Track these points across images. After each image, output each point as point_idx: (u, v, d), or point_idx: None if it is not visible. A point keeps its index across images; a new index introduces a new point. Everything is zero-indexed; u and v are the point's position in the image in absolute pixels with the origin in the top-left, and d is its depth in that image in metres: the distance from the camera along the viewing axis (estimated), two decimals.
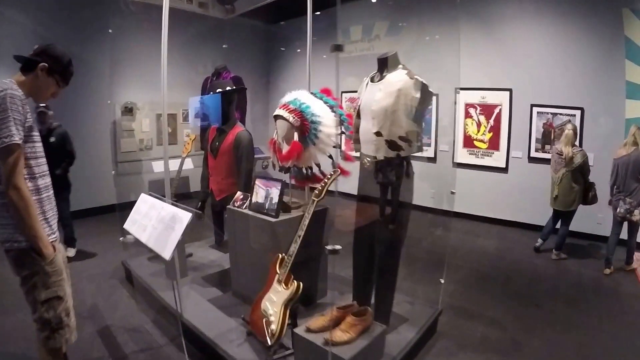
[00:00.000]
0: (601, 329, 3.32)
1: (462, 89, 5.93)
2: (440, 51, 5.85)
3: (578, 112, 5.34)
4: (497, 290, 4.03)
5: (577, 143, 4.69)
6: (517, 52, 5.82)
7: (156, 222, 2.57)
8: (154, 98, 6.61)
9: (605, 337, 3.18)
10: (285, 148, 2.87)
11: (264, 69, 8.95)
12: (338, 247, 2.65)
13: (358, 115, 2.71)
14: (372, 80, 2.68)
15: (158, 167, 6.32)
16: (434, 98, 6.23)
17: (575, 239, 5.31)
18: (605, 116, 5.18)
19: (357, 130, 2.77)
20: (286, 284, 2.46)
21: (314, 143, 2.77)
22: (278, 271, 2.53)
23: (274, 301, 2.46)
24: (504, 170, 6.02)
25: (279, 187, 2.77)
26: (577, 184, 4.63)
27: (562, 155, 4.63)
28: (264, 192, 2.85)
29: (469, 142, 6.30)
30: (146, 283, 3.50)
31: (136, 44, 6.22)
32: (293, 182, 3.06)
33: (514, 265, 4.72)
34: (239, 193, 3.12)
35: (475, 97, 6.16)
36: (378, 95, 2.52)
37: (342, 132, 2.87)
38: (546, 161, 5.32)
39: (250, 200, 2.93)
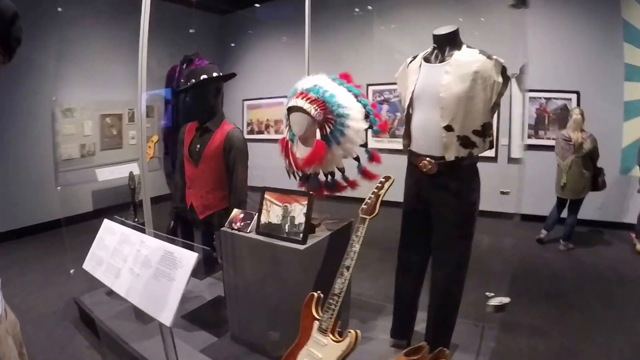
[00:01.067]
0: None
1: None
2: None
3: (574, 96, 5.01)
4: (521, 291, 3.56)
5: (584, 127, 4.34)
6: (510, 34, 5.34)
7: (137, 265, 1.76)
8: (96, 97, 5.69)
9: None
10: (302, 149, 2.14)
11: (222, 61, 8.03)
12: (506, 300, 1.99)
13: (411, 106, 2.03)
14: (426, 60, 2.02)
15: (103, 175, 5.47)
16: None
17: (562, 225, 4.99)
18: (603, 99, 4.90)
19: (405, 125, 2.10)
20: (334, 334, 1.75)
21: (339, 142, 2.06)
22: (317, 316, 1.81)
23: (320, 358, 1.74)
24: (494, 159, 5.56)
25: (304, 203, 2.02)
26: (587, 170, 4.28)
27: (570, 141, 4.26)
28: (280, 210, 2.10)
29: None
30: (111, 330, 2.60)
31: (74, 35, 5.28)
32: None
33: (526, 261, 4.27)
34: (236, 211, 2.33)
35: None
36: (446, 78, 1.87)
37: (370, 127, 2.20)
38: (539, 148, 5.00)
39: (259, 220, 2.18)
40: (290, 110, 2.08)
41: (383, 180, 1.88)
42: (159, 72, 3.99)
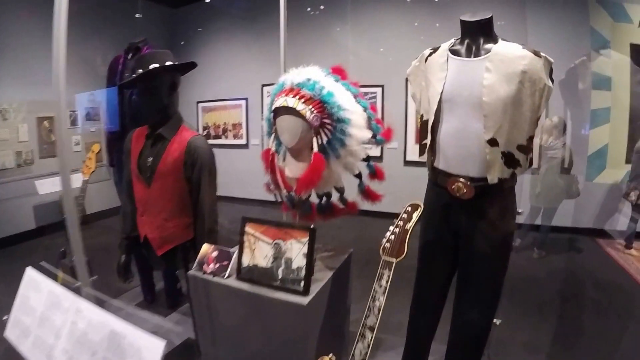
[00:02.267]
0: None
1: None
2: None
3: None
4: (508, 306, 3.22)
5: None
6: None
7: (73, 346, 1.18)
8: (31, 96, 4.76)
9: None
10: (293, 165, 1.64)
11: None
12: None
13: (438, 111, 1.56)
14: (455, 53, 1.56)
15: (44, 187, 4.63)
16: (379, 89, 5.47)
17: (536, 232, 4.85)
18: (572, 107, 4.78)
19: (424, 136, 1.65)
20: None
21: (339, 155, 1.57)
22: None
23: None
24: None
25: (304, 240, 1.50)
26: (561, 178, 4.13)
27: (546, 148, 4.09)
28: (270, 249, 1.57)
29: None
30: None
31: (4, 27, 4.46)
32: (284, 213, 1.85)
33: None
34: (207, 247, 1.77)
35: None
36: (488, 78, 1.43)
37: (374, 137, 1.74)
38: None
39: (240, 261, 1.65)
40: (278, 112, 1.55)
41: (409, 209, 1.41)
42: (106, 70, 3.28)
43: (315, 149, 1.55)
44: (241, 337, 1.67)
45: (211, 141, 6.58)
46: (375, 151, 5.52)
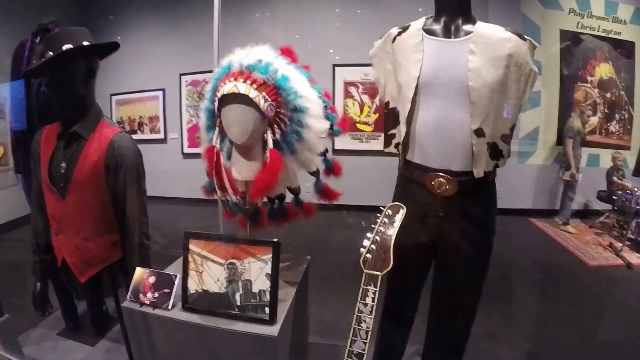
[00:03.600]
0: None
1: (339, 65, 5.04)
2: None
3: None
4: None
5: None
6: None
7: None
8: None
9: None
10: (242, 165, 1.32)
11: None
12: None
13: (415, 99, 1.30)
14: (431, 33, 1.31)
15: None
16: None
17: None
18: None
19: (392, 126, 1.41)
20: None
21: (294, 150, 1.29)
22: None
23: None
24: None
25: (266, 257, 1.18)
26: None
27: None
28: (222, 271, 1.23)
29: (351, 125, 5.22)
30: None
31: None
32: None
33: None
34: (142, 272, 1.39)
35: (356, 74, 5.11)
36: (473, 61, 1.22)
37: (330, 128, 1.47)
38: None
39: (185, 288, 1.30)
40: (225, 101, 1.22)
41: (390, 212, 1.16)
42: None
43: (270, 145, 1.25)
44: None
45: None
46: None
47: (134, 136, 6.54)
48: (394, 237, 1.09)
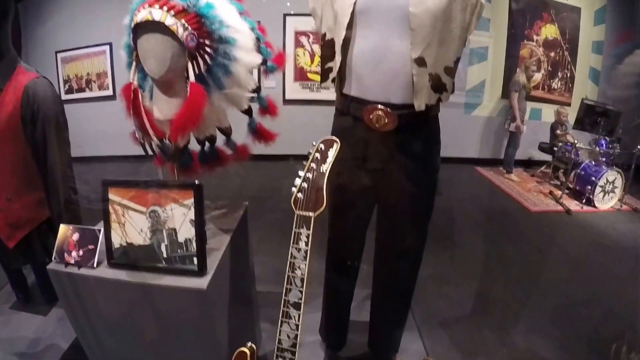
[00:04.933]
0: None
1: (290, 14, 4.80)
2: None
3: None
4: None
5: None
6: None
7: None
8: None
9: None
10: (163, 102, 1.13)
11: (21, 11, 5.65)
12: None
13: (350, 27, 1.13)
14: None
15: None
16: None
17: None
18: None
19: (329, 58, 1.23)
20: None
21: (222, 86, 1.11)
22: None
23: None
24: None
25: (188, 202, 1.04)
26: None
27: None
28: (145, 220, 1.07)
29: (301, 75, 5.04)
30: None
31: None
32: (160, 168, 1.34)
33: None
34: (65, 229, 1.22)
35: (307, 23, 4.81)
36: None
37: (264, 64, 1.29)
38: None
39: (108, 243, 1.14)
40: (140, 31, 1.03)
41: (322, 147, 1.01)
42: None
43: (192, 78, 1.07)
44: (131, 336, 1.19)
45: (74, 96, 5.42)
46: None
47: (82, 94, 5.95)
48: (327, 174, 0.96)
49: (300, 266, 0.92)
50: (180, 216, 1.03)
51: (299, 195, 0.96)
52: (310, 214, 0.94)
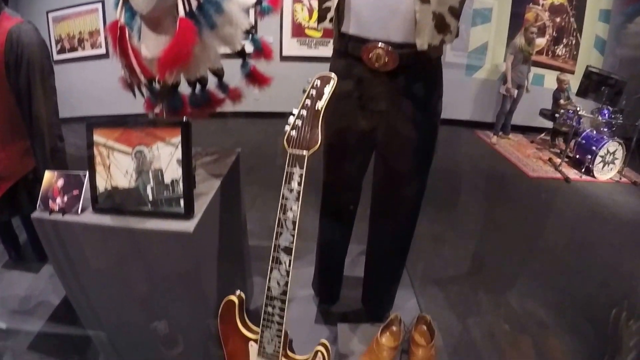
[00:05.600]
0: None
1: None
2: None
3: None
4: None
5: None
6: None
7: None
8: None
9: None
10: (152, 40, 1.04)
11: None
12: None
13: None
14: None
15: None
16: None
17: None
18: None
19: None
20: (287, 355, 0.94)
21: (214, 24, 1.03)
22: (251, 333, 0.96)
23: None
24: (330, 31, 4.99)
25: (175, 140, 0.97)
26: None
27: None
28: (131, 161, 1.01)
29: (299, 31, 4.89)
30: None
31: None
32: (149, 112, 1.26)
33: None
34: (50, 175, 1.17)
35: None
36: None
37: (259, 4, 1.20)
38: None
39: (93, 187, 1.09)
40: None
41: (318, 83, 0.93)
42: None
43: (182, 13, 0.99)
44: (117, 286, 1.16)
45: (67, 55, 5.23)
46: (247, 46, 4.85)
47: (75, 54, 5.72)
48: (322, 111, 0.90)
49: (292, 207, 0.87)
50: (166, 156, 0.97)
51: (293, 133, 0.90)
52: (304, 152, 0.88)
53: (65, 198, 1.12)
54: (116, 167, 1.03)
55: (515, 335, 1.76)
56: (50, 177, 1.17)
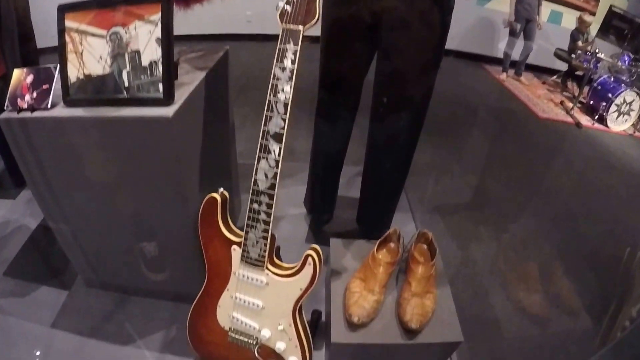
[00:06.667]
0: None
1: None
2: None
3: None
4: None
5: None
6: None
7: None
8: None
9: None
10: None
11: None
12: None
13: None
14: None
15: None
16: None
17: None
18: None
19: None
20: (273, 261, 0.91)
21: None
22: (234, 236, 0.90)
23: (263, 310, 0.91)
24: None
25: (154, 18, 0.86)
26: None
27: None
28: (105, 45, 0.91)
29: None
30: None
31: None
32: None
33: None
34: (18, 73, 1.05)
35: None
36: None
37: None
38: None
39: (65, 78, 1.00)
40: None
41: None
42: None
43: None
44: (95, 189, 1.09)
45: None
46: None
47: None
48: None
49: (284, 88, 0.80)
50: (145, 35, 0.88)
51: (287, 7, 0.81)
52: (300, 27, 0.79)
53: (35, 94, 1.04)
54: (89, 54, 0.94)
55: (516, 267, 1.76)
56: (19, 75, 1.08)
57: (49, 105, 1.00)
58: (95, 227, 1.18)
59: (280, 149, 0.81)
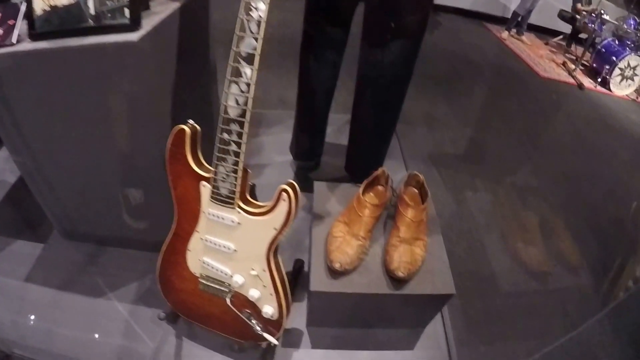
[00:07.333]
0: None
1: None
2: None
3: None
4: None
5: None
6: None
7: None
8: None
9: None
10: None
11: None
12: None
13: None
14: None
15: None
16: None
17: None
18: None
19: None
20: (245, 198, 0.86)
21: None
22: (203, 171, 0.85)
23: (235, 253, 0.87)
24: None
25: None
26: None
27: None
28: None
29: None
30: None
31: None
32: None
33: None
34: None
35: None
36: None
37: None
38: None
39: (30, 10, 0.92)
40: None
41: None
42: None
43: None
44: (64, 125, 1.04)
45: None
46: None
47: None
48: None
49: (258, 6, 0.75)
50: None
51: None
52: None
53: (1, 31, 1.01)
54: None
55: (514, 223, 1.74)
56: None
57: (13, 40, 0.97)
58: (72, 170, 1.15)
59: (252, 71, 0.77)
